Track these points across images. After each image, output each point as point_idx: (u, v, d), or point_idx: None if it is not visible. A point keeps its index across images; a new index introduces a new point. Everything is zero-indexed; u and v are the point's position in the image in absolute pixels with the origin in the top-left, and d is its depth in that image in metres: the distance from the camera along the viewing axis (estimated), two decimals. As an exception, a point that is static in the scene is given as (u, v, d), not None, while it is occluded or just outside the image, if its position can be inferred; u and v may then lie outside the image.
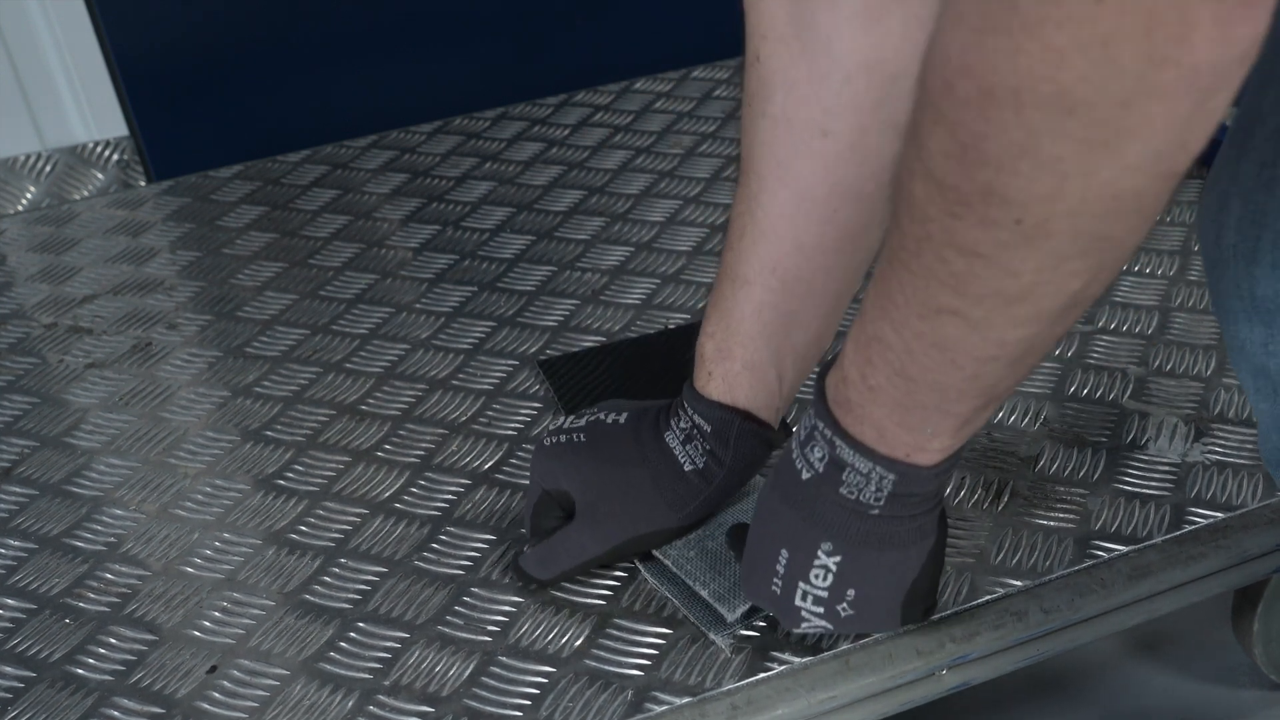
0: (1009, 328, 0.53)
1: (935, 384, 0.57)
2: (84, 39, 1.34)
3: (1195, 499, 0.84)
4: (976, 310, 0.52)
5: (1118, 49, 0.42)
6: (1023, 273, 0.50)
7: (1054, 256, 0.49)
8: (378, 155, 1.38)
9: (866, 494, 0.63)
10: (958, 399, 0.58)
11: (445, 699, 0.74)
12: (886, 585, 0.67)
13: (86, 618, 0.81)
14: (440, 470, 0.91)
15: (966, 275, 0.51)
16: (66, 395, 1.03)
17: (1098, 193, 0.46)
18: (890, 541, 0.65)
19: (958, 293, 0.52)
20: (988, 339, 0.54)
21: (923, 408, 0.59)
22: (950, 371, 0.56)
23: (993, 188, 0.47)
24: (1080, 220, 0.47)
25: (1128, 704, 0.99)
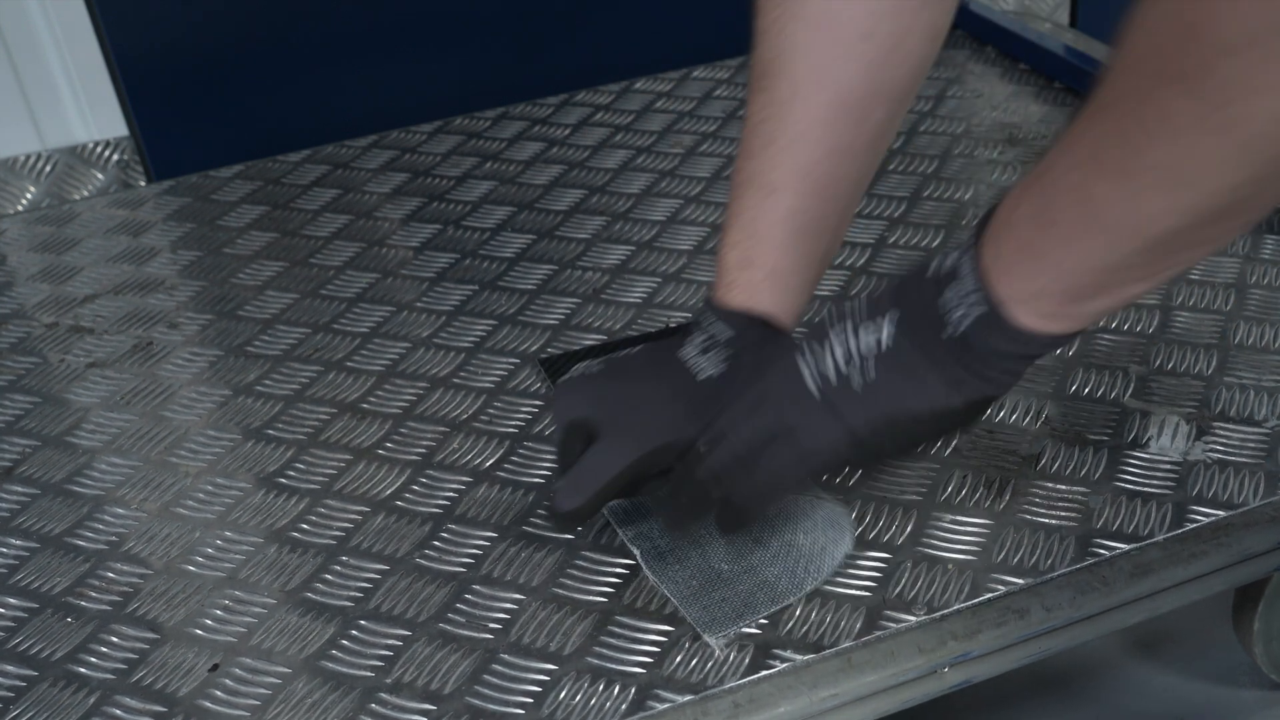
0: (1162, 211, 0.53)
1: (1068, 239, 0.57)
2: (84, 39, 1.34)
3: (1197, 497, 0.84)
4: (1142, 179, 0.52)
5: None
6: (1206, 159, 0.50)
7: (1243, 152, 0.49)
8: (378, 155, 1.38)
9: (954, 313, 0.62)
10: (1080, 264, 0.57)
11: (447, 697, 0.74)
12: (895, 394, 0.66)
13: (88, 616, 0.81)
14: (441, 468, 0.91)
15: (1150, 140, 0.51)
16: (68, 395, 1.03)
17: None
18: (934, 366, 0.64)
19: (1134, 155, 0.52)
20: (1138, 213, 0.53)
21: (1044, 259, 0.58)
22: (1087, 233, 0.56)
23: (1211, 69, 0.47)
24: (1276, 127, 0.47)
25: (1128, 703, 0.99)
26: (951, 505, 0.84)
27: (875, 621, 0.76)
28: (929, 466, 0.88)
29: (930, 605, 0.77)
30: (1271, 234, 1.11)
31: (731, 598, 0.77)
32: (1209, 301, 1.03)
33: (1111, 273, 0.57)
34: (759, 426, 0.70)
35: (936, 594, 0.78)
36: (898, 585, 0.79)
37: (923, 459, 0.88)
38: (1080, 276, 0.58)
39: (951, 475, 0.87)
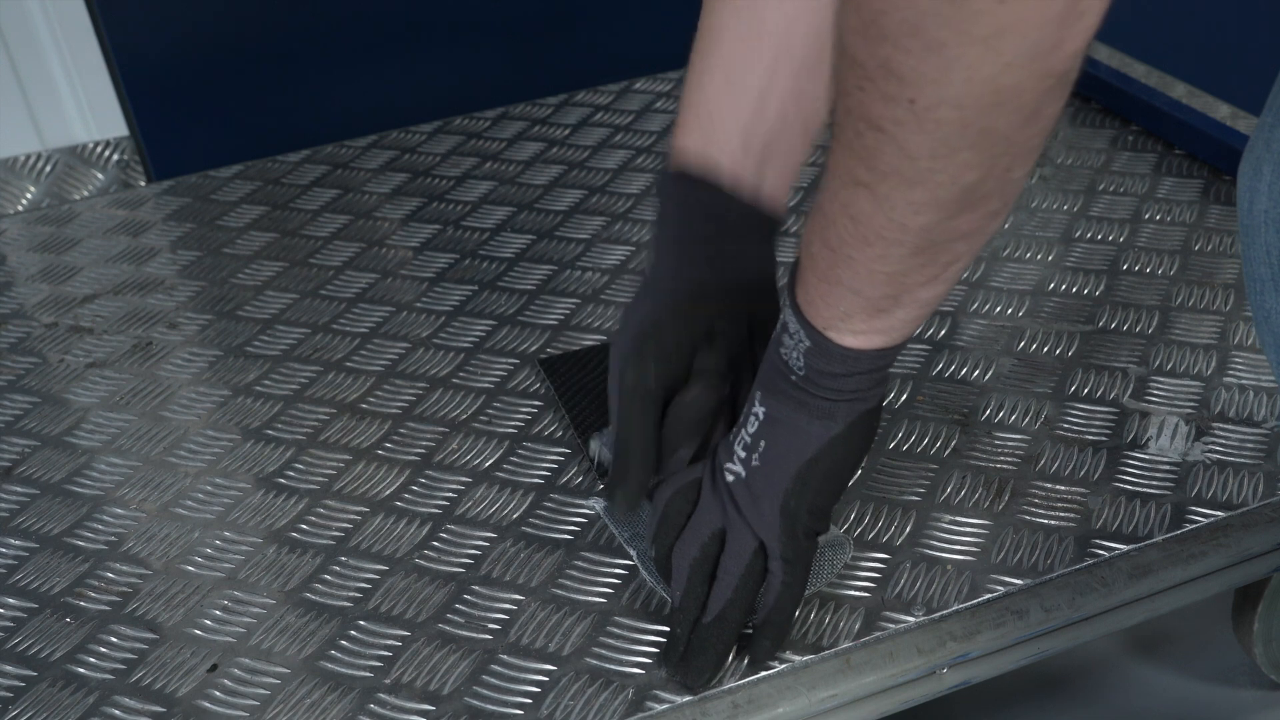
0: (909, 212, 0.56)
1: (849, 259, 0.60)
2: (84, 39, 1.35)
3: (1196, 498, 0.84)
4: (881, 186, 0.55)
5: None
6: (918, 155, 0.52)
7: (945, 143, 0.51)
8: (378, 155, 1.38)
9: (793, 357, 0.67)
10: (867, 279, 0.61)
11: (446, 697, 0.74)
12: (786, 450, 0.69)
13: (87, 617, 0.81)
14: (440, 468, 0.91)
15: (874, 150, 0.54)
16: (67, 395, 1.03)
17: (980, 86, 0.49)
18: (800, 409, 0.68)
19: (868, 167, 0.55)
20: (891, 219, 0.56)
21: (839, 283, 0.62)
22: (861, 247, 0.59)
23: (890, 64, 0.50)
24: (966, 111, 0.50)
25: (1128, 704, 0.99)
26: (950, 506, 0.84)
27: (874, 622, 0.76)
28: (928, 467, 0.88)
29: (929, 606, 0.77)
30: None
31: None
32: (1209, 302, 1.03)
33: (897, 281, 0.60)
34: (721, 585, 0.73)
35: (935, 594, 0.78)
36: (897, 586, 0.79)
37: (921, 459, 0.88)
38: (872, 290, 0.61)
39: (950, 476, 0.87)
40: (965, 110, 0.50)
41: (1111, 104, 1.33)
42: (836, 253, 0.61)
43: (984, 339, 1.00)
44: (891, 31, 0.48)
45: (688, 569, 0.73)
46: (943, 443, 0.90)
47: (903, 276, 0.60)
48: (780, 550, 0.70)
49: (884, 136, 0.53)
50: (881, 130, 0.52)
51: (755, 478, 0.70)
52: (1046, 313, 1.03)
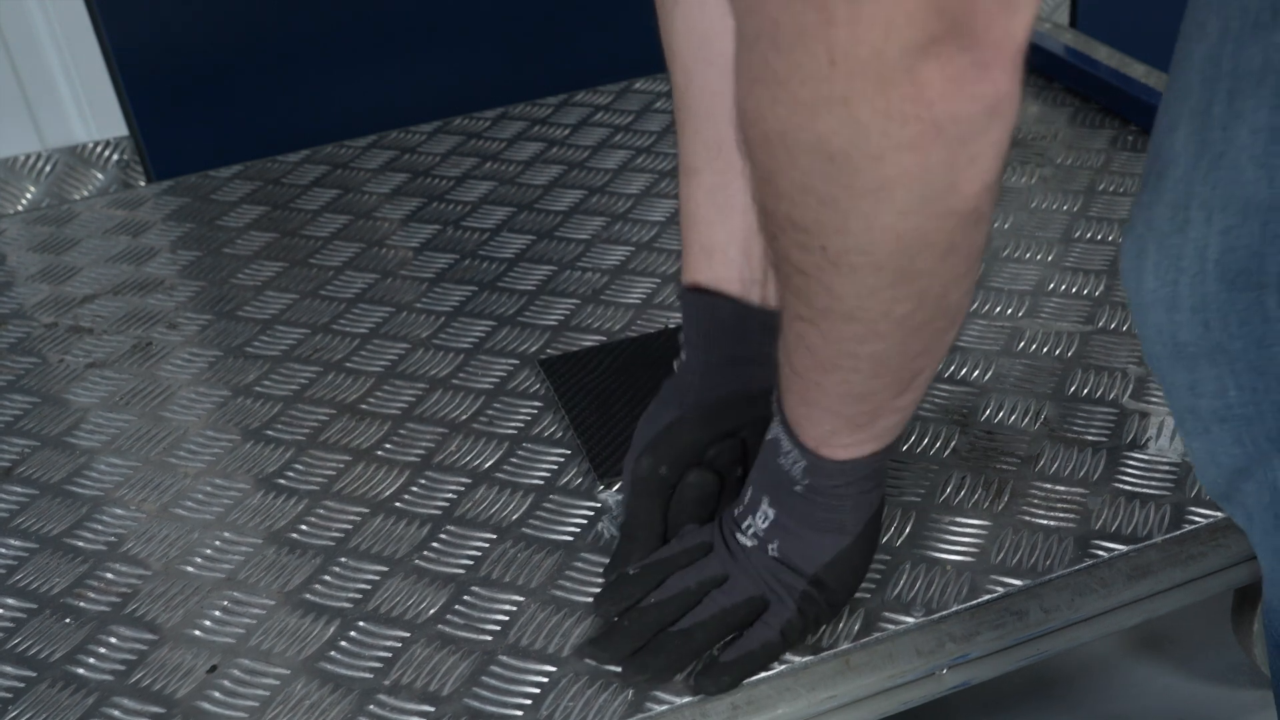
0: (853, 343, 0.57)
1: (817, 384, 0.61)
2: (84, 39, 1.34)
3: (1195, 498, 0.84)
4: (822, 323, 0.56)
5: (857, 107, 0.44)
6: (844, 295, 0.53)
7: (865, 284, 0.52)
8: (378, 155, 1.38)
9: (794, 470, 0.68)
10: (839, 401, 0.62)
11: (445, 698, 0.74)
12: (801, 555, 0.71)
13: (87, 617, 0.81)
14: (440, 469, 0.91)
15: (804, 291, 0.55)
16: (67, 395, 1.03)
17: (881, 233, 0.49)
18: (807, 521, 0.70)
19: (805, 304, 0.56)
20: (840, 350, 0.58)
21: (815, 404, 0.63)
22: (822, 374, 0.60)
23: (792, 218, 0.51)
24: (876, 255, 0.50)
25: (1128, 704, 0.99)
26: (950, 506, 0.84)
27: (874, 623, 0.76)
28: (928, 468, 0.88)
29: (929, 607, 0.77)
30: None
31: None
32: (1208, 302, 1.03)
33: (867, 400, 0.62)
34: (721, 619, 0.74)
35: (935, 595, 0.78)
36: (896, 587, 0.79)
37: (921, 460, 0.88)
38: (845, 410, 0.63)
39: (950, 476, 0.87)
40: (874, 255, 0.50)
41: (1111, 104, 1.33)
42: (804, 379, 0.62)
43: (984, 339, 1.00)
44: (786, 189, 0.49)
45: (677, 583, 0.74)
46: (942, 443, 0.90)
47: (871, 395, 0.61)
48: (789, 620, 0.72)
49: (809, 279, 0.54)
50: (805, 274, 0.54)
51: (776, 564, 0.72)
52: (1046, 313, 1.03)
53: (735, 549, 0.74)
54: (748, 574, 0.73)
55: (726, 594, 0.73)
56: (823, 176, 0.47)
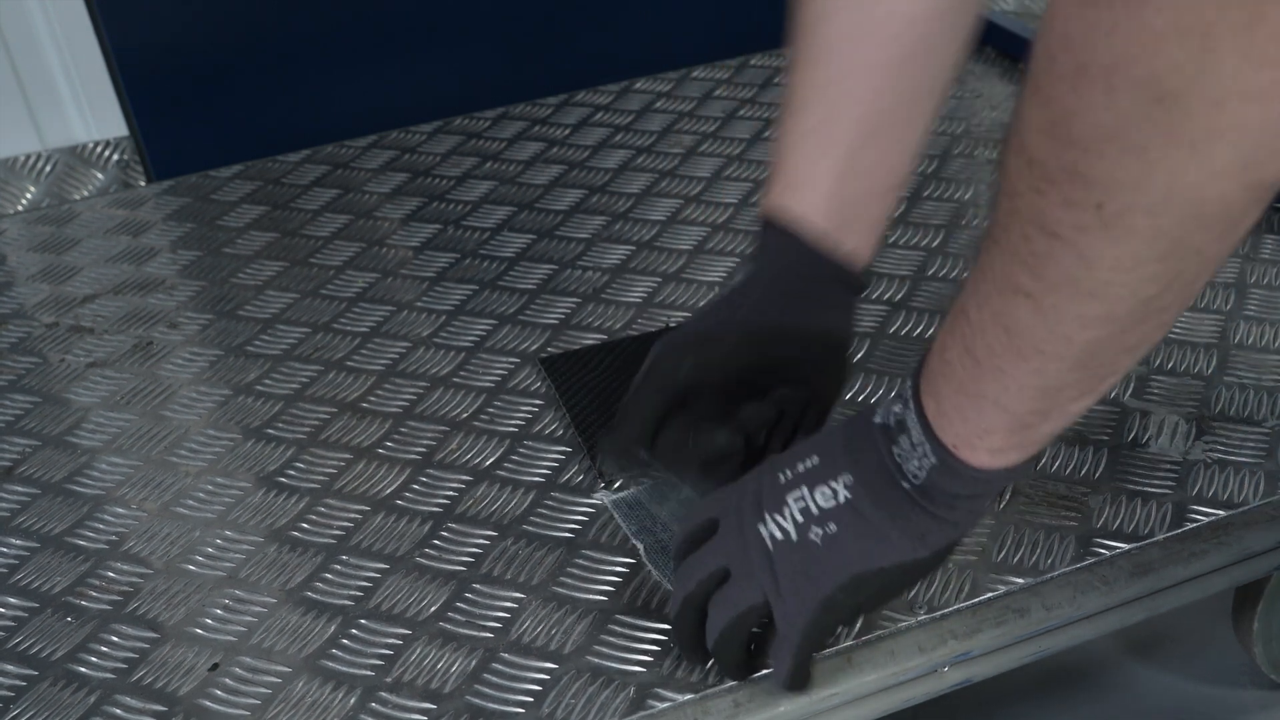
0: (1077, 326, 0.52)
1: (998, 371, 0.56)
2: (84, 39, 1.34)
3: (1197, 496, 0.84)
4: (1049, 297, 0.51)
5: (1217, 41, 0.40)
6: (1098, 264, 0.49)
7: (1131, 252, 0.48)
8: (378, 155, 1.38)
9: (908, 466, 0.62)
10: (1017, 394, 0.56)
11: (447, 696, 0.74)
12: (858, 549, 0.65)
13: (88, 616, 0.81)
14: (441, 467, 0.91)
15: (1045, 257, 0.50)
16: (68, 394, 1.03)
17: (1182, 194, 0.45)
18: (894, 519, 0.64)
19: (1034, 275, 0.51)
20: (1054, 331, 0.53)
21: (982, 397, 0.57)
22: (1014, 360, 0.55)
23: (1077, 168, 0.46)
24: (1161, 219, 0.46)
25: (1128, 703, 0.99)
26: (951, 505, 0.84)
27: (876, 620, 0.76)
28: (929, 466, 0.88)
29: (930, 604, 0.77)
30: (1271, 234, 1.11)
31: None
32: (1209, 301, 1.03)
33: (1049, 396, 0.57)
34: (731, 610, 0.70)
35: (937, 593, 0.78)
36: (898, 584, 0.79)
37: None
38: (1020, 406, 0.57)
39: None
40: (1160, 219, 0.46)
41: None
42: (982, 364, 0.56)
43: (984, 338, 1.00)
44: (1083, 134, 0.45)
45: (680, 602, 0.71)
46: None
47: (1057, 392, 0.56)
48: (802, 631, 0.68)
49: (1060, 243, 0.49)
50: (1058, 236, 0.49)
51: (808, 554, 0.66)
52: (1047, 312, 1.03)
53: (751, 540, 0.68)
54: (752, 574, 0.68)
55: (732, 602, 0.69)
56: (1140, 120, 0.43)
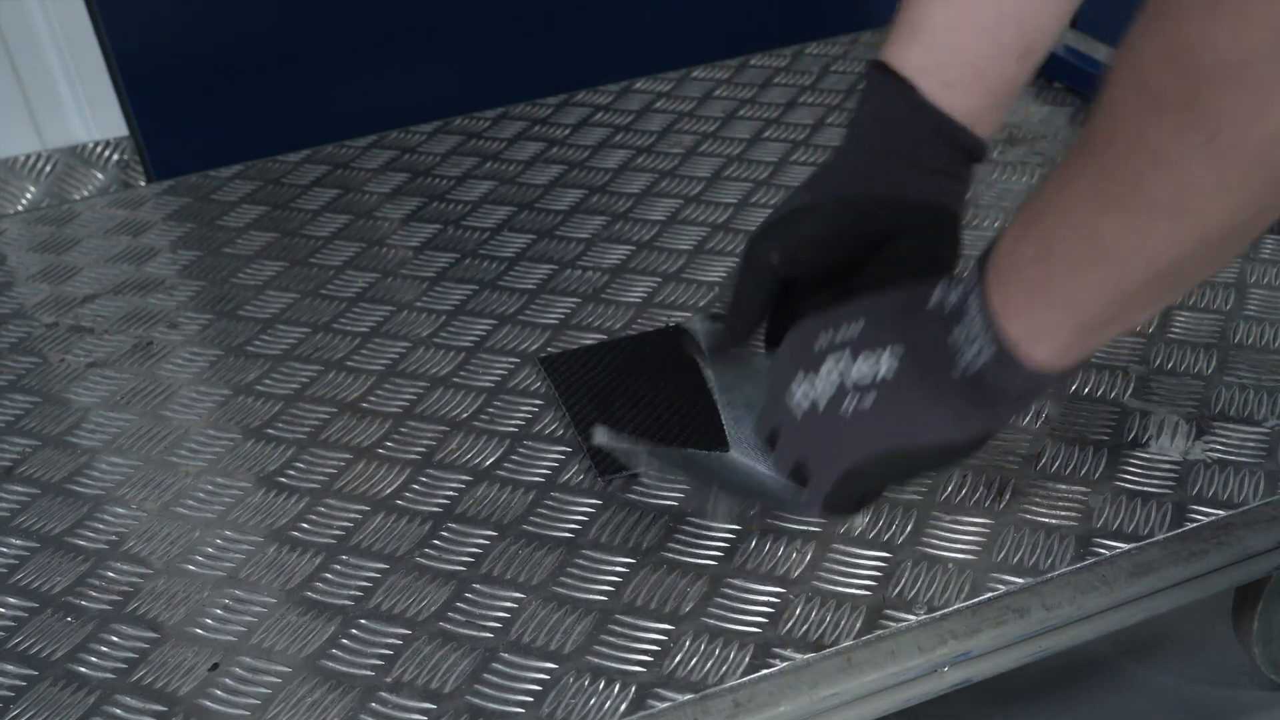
0: (1167, 244, 0.52)
1: (1075, 276, 0.56)
2: (84, 39, 1.34)
3: (1197, 496, 0.84)
4: (1142, 217, 0.52)
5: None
6: (1199, 190, 0.49)
7: (1236, 181, 0.48)
8: (378, 155, 1.38)
9: (964, 354, 0.61)
10: (1091, 300, 0.57)
11: (447, 695, 0.74)
12: (892, 425, 0.65)
13: (88, 616, 0.81)
14: (441, 467, 0.91)
15: (1144, 178, 0.50)
16: (68, 394, 1.02)
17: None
18: (936, 402, 0.63)
19: (1131, 193, 0.51)
20: (1143, 249, 0.53)
21: (1054, 298, 0.58)
22: (1094, 269, 0.55)
23: (1196, 98, 0.46)
24: (1273, 152, 0.46)
25: (1128, 703, 0.99)
26: (951, 505, 0.84)
27: (875, 621, 0.76)
28: (929, 466, 0.88)
29: (930, 604, 0.77)
30: (1271, 234, 1.11)
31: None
32: (1209, 301, 1.03)
33: (1123, 303, 0.57)
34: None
35: (937, 593, 0.78)
36: (898, 584, 0.79)
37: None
38: (1092, 310, 0.58)
39: (951, 475, 0.87)
40: (1272, 152, 0.47)
41: (1111, 104, 1.33)
42: (1059, 269, 0.57)
43: (984, 338, 1.00)
44: (1208, 67, 0.45)
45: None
46: (943, 442, 0.90)
47: (1131, 298, 0.56)
48: (822, 502, 0.68)
49: (1163, 169, 0.49)
50: (1162, 162, 0.49)
51: (837, 425, 0.66)
52: (1047, 312, 1.03)
53: (784, 409, 0.68)
54: (786, 445, 0.68)
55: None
56: (1269, 58, 0.44)
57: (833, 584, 0.79)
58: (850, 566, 0.80)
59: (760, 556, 0.81)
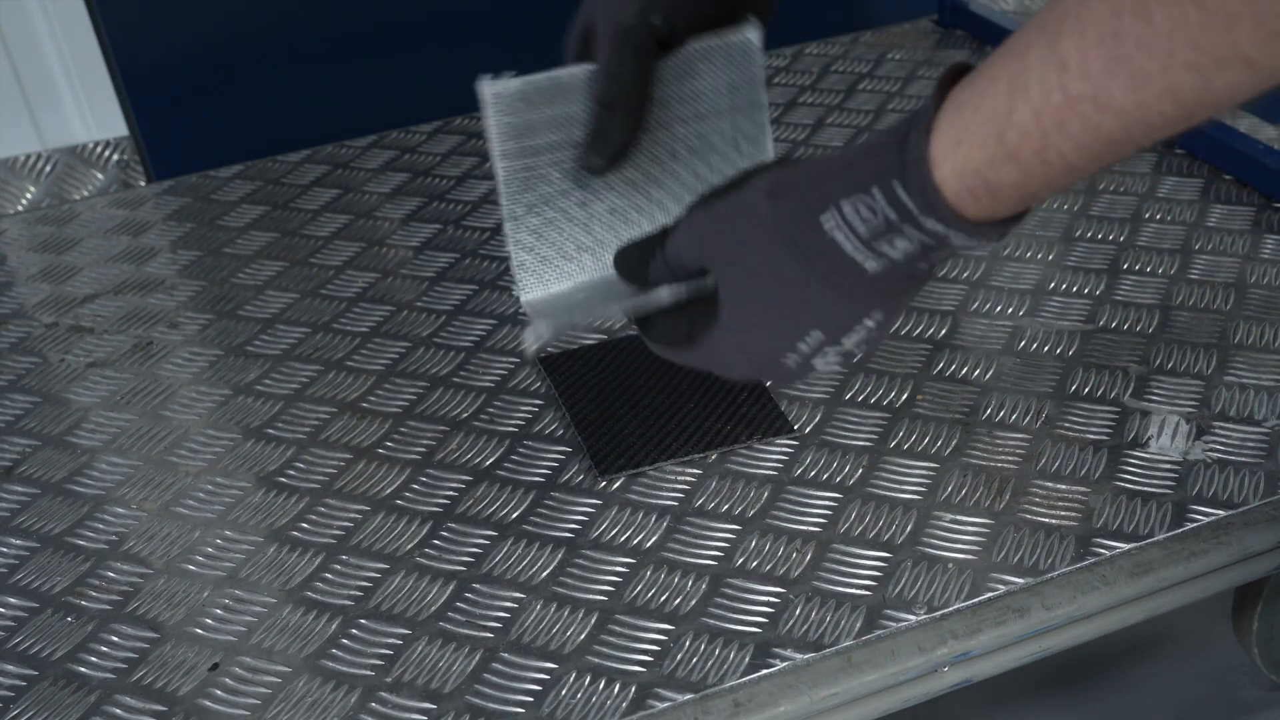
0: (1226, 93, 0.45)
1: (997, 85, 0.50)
2: (84, 39, 1.34)
3: (1196, 496, 0.84)
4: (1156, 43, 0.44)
5: None
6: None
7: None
8: (378, 155, 1.38)
9: (933, 256, 0.55)
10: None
11: (447, 695, 0.74)
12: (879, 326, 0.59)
13: (88, 616, 0.81)
14: (441, 467, 0.91)
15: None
16: (68, 394, 1.03)
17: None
18: (910, 289, 0.58)
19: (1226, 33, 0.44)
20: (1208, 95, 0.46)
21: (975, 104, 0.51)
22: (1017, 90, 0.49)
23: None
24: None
25: (1128, 704, 0.99)
26: (951, 504, 0.84)
27: (875, 620, 0.76)
28: (929, 466, 0.88)
29: (930, 604, 0.77)
30: (1271, 234, 1.11)
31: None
32: (1209, 301, 1.03)
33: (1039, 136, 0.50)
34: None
35: (937, 593, 0.78)
36: (898, 584, 0.79)
37: (922, 458, 0.88)
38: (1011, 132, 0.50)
39: (951, 475, 0.87)
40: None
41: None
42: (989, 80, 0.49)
43: (984, 338, 1.00)
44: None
45: None
46: (943, 442, 0.90)
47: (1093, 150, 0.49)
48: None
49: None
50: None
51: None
52: (1047, 312, 1.03)
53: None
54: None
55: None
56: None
57: (833, 584, 0.79)
58: (850, 566, 0.80)
59: (760, 556, 0.81)
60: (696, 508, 0.86)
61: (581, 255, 0.73)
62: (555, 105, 0.70)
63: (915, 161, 0.52)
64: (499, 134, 0.70)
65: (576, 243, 0.73)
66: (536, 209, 0.72)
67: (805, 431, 0.92)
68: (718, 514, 0.85)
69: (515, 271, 0.72)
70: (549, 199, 0.72)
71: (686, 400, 0.94)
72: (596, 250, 0.74)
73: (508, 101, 0.69)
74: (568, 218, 0.73)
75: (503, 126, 0.70)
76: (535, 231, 0.72)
